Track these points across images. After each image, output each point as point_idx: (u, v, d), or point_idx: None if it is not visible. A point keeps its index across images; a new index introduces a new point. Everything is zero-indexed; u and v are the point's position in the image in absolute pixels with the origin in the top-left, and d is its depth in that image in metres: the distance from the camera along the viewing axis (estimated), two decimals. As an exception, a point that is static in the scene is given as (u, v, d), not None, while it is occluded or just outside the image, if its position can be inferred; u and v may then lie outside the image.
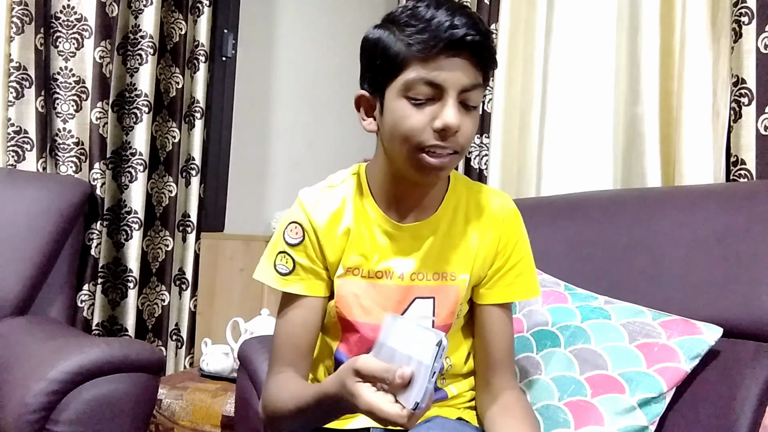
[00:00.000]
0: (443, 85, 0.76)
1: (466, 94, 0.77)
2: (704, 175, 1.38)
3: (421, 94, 0.77)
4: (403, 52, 0.77)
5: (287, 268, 0.88)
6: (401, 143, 0.79)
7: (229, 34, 2.32)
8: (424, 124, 0.77)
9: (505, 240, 0.90)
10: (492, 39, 0.80)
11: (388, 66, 0.78)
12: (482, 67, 0.78)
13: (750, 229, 1.02)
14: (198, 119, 1.98)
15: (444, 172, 0.82)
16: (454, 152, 0.79)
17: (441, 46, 0.74)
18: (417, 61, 0.76)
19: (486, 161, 1.84)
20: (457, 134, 0.77)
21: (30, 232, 1.40)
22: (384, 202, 0.88)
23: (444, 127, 0.76)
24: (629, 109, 1.57)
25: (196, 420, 1.51)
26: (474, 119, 0.80)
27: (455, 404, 0.93)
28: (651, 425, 0.92)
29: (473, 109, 0.79)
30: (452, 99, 0.76)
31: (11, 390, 1.04)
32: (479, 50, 0.76)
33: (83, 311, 1.68)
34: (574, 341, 1.03)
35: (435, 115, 0.76)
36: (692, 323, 0.98)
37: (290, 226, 0.88)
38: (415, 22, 0.76)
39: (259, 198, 2.49)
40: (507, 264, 0.90)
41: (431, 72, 0.75)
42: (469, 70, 0.76)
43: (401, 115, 0.78)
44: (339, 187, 0.91)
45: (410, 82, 0.76)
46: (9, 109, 1.60)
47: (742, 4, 1.29)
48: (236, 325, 1.74)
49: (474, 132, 0.81)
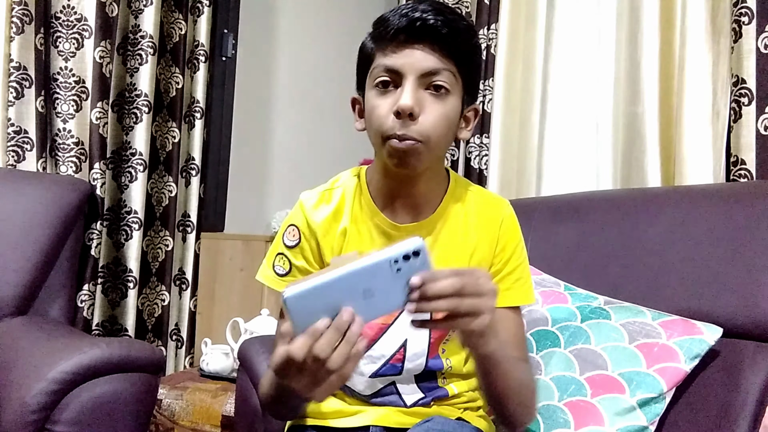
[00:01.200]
0: (400, 70, 0.78)
1: (431, 78, 0.78)
2: (704, 175, 1.38)
3: (384, 82, 0.79)
4: (369, 47, 0.82)
5: (284, 270, 0.89)
6: (375, 135, 0.82)
7: (229, 34, 2.32)
8: (388, 111, 0.79)
9: (503, 243, 0.90)
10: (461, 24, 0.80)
11: (363, 63, 0.84)
12: (448, 51, 0.78)
13: (750, 229, 1.02)
14: (198, 119, 1.98)
15: (413, 160, 0.79)
16: (417, 141, 0.78)
17: (394, 33, 0.77)
18: (379, 51, 0.80)
19: (486, 161, 1.84)
20: (417, 120, 0.77)
21: (30, 232, 1.40)
22: (381, 202, 0.89)
23: (398, 109, 0.77)
24: (629, 109, 1.57)
25: (196, 420, 1.51)
26: (444, 105, 0.79)
27: (455, 404, 0.93)
28: (651, 425, 0.92)
29: (445, 94, 0.79)
30: (409, 83, 0.77)
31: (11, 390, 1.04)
32: (439, 34, 0.77)
33: (83, 311, 1.68)
34: (574, 341, 1.03)
35: (396, 101, 0.78)
36: (692, 323, 0.98)
37: (288, 229, 0.90)
38: (380, 19, 0.81)
39: (259, 198, 2.49)
40: (506, 268, 0.90)
41: (389, 57, 0.79)
42: (430, 55, 0.78)
43: (371, 105, 0.81)
44: (339, 188, 0.92)
45: (374, 72, 0.81)
46: (9, 109, 1.60)
47: (742, 4, 1.29)
48: (236, 325, 1.74)
49: (443, 120, 0.80)
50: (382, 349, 0.88)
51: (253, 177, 2.47)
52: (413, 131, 0.78)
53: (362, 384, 0.91)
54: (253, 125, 2.45)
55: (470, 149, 1.89)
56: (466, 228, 0.89)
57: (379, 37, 0.80)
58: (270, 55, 2.50)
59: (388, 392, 0.91)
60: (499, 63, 1.80)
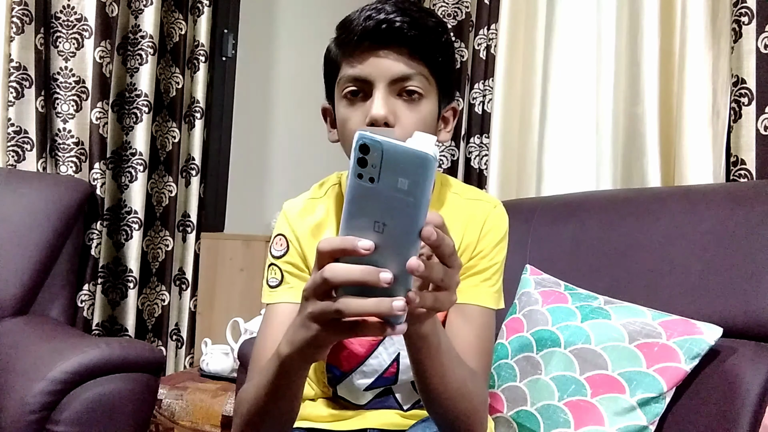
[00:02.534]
0: (368, 79, 0.74)
1: (403, 83, 0.74)
2: (704, 175, 1.38)
3: (352, 92, 0.76)
4: (334, 53, 0.78)
5: (276, 280, 0.86)
6: (345, 144, 0.78)
7: (229, 34, 2.32)
8: (360, 123, 0.75)
9: (483, 242, 0.85)
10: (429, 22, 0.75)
11: (329, 72, 0.80)
12: (418, 54, 0.74)
13: (750, 229, 1.02)
14: (198, 119, 1.98)
15: None
16: None
17: (359, 40, 0.73)
18: (344, 59, 0.77)
19: (486, 161, 1.84)
20: (393, 129, 0.73)
21: (30, 232, 1.40)
22: None
23: (371, 120, 0.72)
24: (629, 109, 1.57)
25: (196, 420, 1.51)
26: (419, 111, 0.76)
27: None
28: (651, 425, 0.92)
29: (418, 98, 0.75)
30: (380, 92, 0.73)
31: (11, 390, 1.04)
32: (407, 37, 0.73)
33: (83, 311, 1.68)
34: (574, 341, 1.03)
35: (368, 111, 0.74)
36: (692, 323, 0.98)
37: (275, 240, 0.87)
38: (343, 23, 0.77)
39: (259, 198, 2.49)
40: (478, 266, 0.84)
41: (356, 67, 0.75)
42: (399, 60, 0.74)
43: (342, 118, 0.78)
44: (322, 198, 0.89)
45: (342, 82, 0.77)
46: (9, 109, 1.60)
47: (742, 4, 1.29)
48: (236, 325, 1.74)
49: (420, 126, 0.75)
50: (375, 364, 0.86)
51: (253, 177, 2.46)
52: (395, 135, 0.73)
53: (356, 396, 0.90)
54: (253, 125, 2.45)
55: (470, 149, 1.89)
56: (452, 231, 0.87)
57: (344, 44, 0.76)
58: (270, 55, 2.50)
59: (384, 399, 0.90)
60: (499, 63, 1.80)
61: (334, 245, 0.49)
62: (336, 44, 0.78)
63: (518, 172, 1.83)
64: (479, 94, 1.88)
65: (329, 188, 0.90)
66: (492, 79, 1.84)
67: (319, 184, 0.92)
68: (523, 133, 1.82)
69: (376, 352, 0.86)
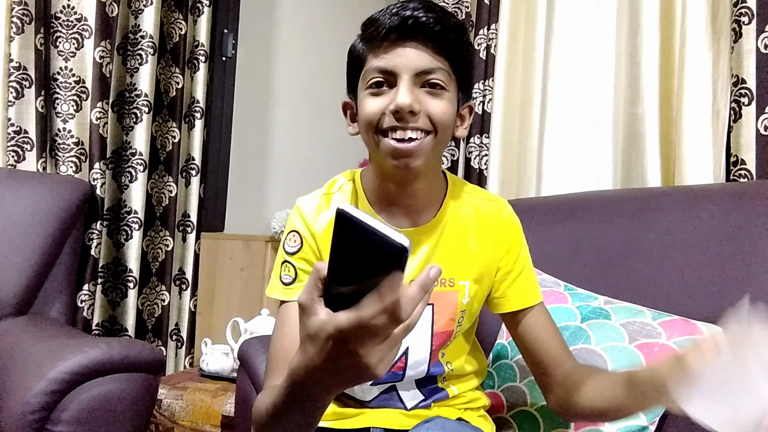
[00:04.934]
0: (394, 70, 0.77)
1: (427, 76, 0.77)
2: (704, 175, 1.38)
3: (377, 83, 0.79)
4: (359, 48, 0.81)
5: (290, 277, 0.87)
6: (366, 132, 0.81)
7: (229, 34, 2.32)
8: (382, 108, 0.78)
9: (509, 245, 0.90)
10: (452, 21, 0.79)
11: (354, 66, 0.83)
12: (441, 49, 0.78)
13: (750, 229, 1.02)
14: (198, 119, 1.98)
15: (413, 159, 0.78)
16: (425, 132, 0.78)
17: (385, 33, 0.77)
18: (370, 53, 0.80)
19: (486, 161, 1.84)
20: (418, 116, 0.77)
21: (30, 232, 1.40)
22: (379, 207, 0.87)
23: (396, 108, 0.76)
24: (629, 109, 1.57)
25: (196, 420, 1.51)
26: (444, 101, 0.79)
27: (455, 404, 0.93)
28: (651, 425, 0.92)
29: (442, 91, 0.79)
30: (405, 82, 0.77)
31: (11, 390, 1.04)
32: (432, 32, 0.76)
33: (83, 311, 1.68)
34: (574, 341, 1.03)
35: (392, 100, 0.77)
36: (692, 323, 0.98)
37: (289, 236, 0.88)
38: (369, 20, 0.80)
39: (259, 198, 2.49)
40: (515, 268, 0.90)
41: (382, 59, 0.78)
42: (424, 53, 0.77)
43: (366, 107, 0.80)
44: (336, 194, 0.90)
45: (367, 74, 0.80)
46: (9, 109, 1.60)
47: (742, 4, 1.29)
48: (236, 325, 1.74)
49: (448, 112, 0.79)
50: None
51: (253, 177, 2.46)
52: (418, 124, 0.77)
53: (361, 391, 0.90)
54: (253, 125, 2.45)
55: (470, 149, 1.89)
56: (466, 232, 0.88)
57: (370, 38, 0.79)
58: (270, 55, 2.50)
59: (389, 397, 0.90)
60: (499, 63, 1.80)
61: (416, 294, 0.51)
62: (362, 40, 0.81)
63: (518, 172, 1.83)
64: (479, 94, 1.88)
65: (344, 184, 0.91)
66: (492, 79, 1.84)
67: (332, 181, 0.93)
68: (523, 133, 1.82)
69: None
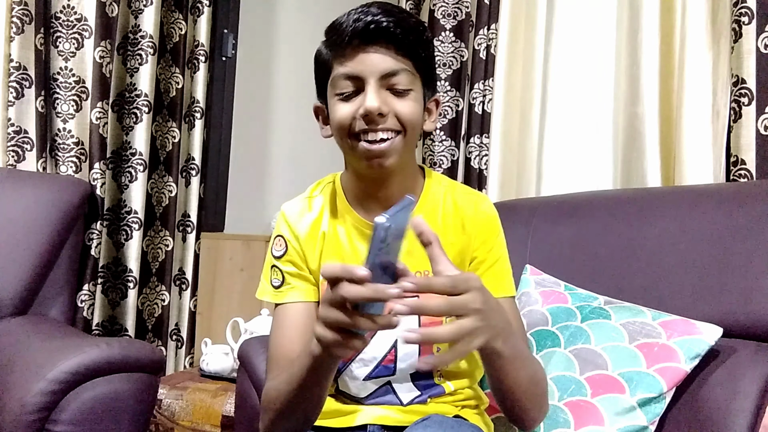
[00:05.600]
0: (360, 75, 0.79)
1: (391, 79, 0.79)
2: (704, 175, 1.38)
3: (345, 89, 0.81)
4: (326, 54, 0.84)
5: (278, 280, 0.91)
6: (340, 137, 0.83)
7: (229, 34, 2.32)
8: (352, 113, 0.80)
9: (484, 236, 0.90)
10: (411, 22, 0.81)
11: (321, 72, 0.86)
12: (403, 50, 0.80)
13: (750, 229, 1.02)
14: (198, 119, 1.98)
15: (386, 159, 0.81)
16: (395, 132, 0.80)
17: (349, 39, 0.79)
18: (335, 60, 0.82)
19: (486, 161, 1.84)
20: (386, 117, 0.79)
21: (30, 232, 1.40)
22: (356, 204, 0.90)
23: (366, 111, 0.78)
24: (629, 109, 1.57)
25: (196, 420, 1.51)
26: (410, 100, 0.81)
27: (452, 401, 0.93)
28: (651, 425, 0.92)
29: (408, 91, 0.81)
30: (371, 86, 0.79)
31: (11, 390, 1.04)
32: (393, 36, 0.78)
33: (83, 311, 1.68)
34: (574, 341, 1.03)
35: (361, 104, 0.79)
36: (692, 323, 0.98)
37: (275, 241, 0.93)
38: (332, 26, 0.82)
39: (259, 198, 2.49)
40: (488, 260, 0.90)
41: (347, 66, 0.80)
42: (387, 56, 0.79)
43: (337, 113, 0.82)
44: (318, 197, 0.94)
45: (335, 81, 0.82)
46: (9, 109, 1.60)
47: (742, 4, 1.29)
48: (236, 325, 1.74)
49: (414, 112, 0.82)
50: (373, 351, 0.88)
51: (253, 177, 2.46)
52: (388, 125, 0.79)
53: (356, 387, 0.91)
54: (253, 125, 2.45)
55: (470, 149, 1.89)
56: (444, 226, 0.90)
57: (334, 44, 0.81)
58: (270, 55, 2.50)
59: (384, 392, 0.91)
60: (499, 63, 1.80)
61: (336, 272, 0.59)
62: (326, 46, 0.84)
63: (518, 172, 1.83)
64: (479, 94, 1.88)
65: (324, 186, 0.95)
66: (492, 79, 1.84)
67: (315, 184, 0.97)
68: (523, 133, 1.82)
69: (373, 340, 0.89)
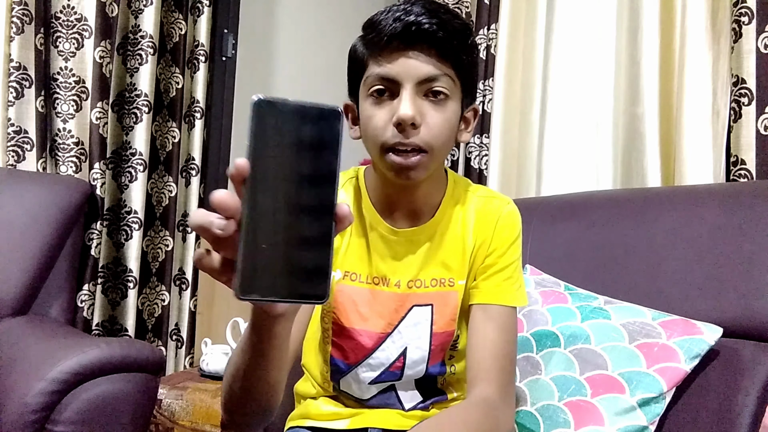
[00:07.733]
0: (396, 78, 0.75)
1: (429, 84, 0.75)
2: (704, 175, 1.38)
3: (379, 91, 0.77)
4: (361, 52, 0.79)
5: None
6: (372, 146, 0.79)
7: (229, 34, 2.31)
8: (386, 122, 0.76)
9: (498, 241, 0.87)
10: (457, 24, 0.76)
11: (355, 70, 0.81)
12: (445, 55, 0.75)
13: (750, 229, 1.02)
14: (198, 119, 1.98)
15: (415, 172, 0.77)
16: (421, 151, 0.76)
17: (388, 40, 0.74)
18: (372, 58, 0.77)
19: (486, 161, 1.84)
20: (419, 129, 0.75)
21: (30, 232, 1.40)
22: (380, 207, 0.87)
23: (398, 120, 0.74)
24: (629, 109, 1.57)
25: (196, 420, 1.51)
26: (444, 111, 0.77)
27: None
28: (651, 425, 0.92)
29: (444, 99, 0.77)
30: (407, 92, 0.75)
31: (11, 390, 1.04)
32: (436, 39, 0.74)
33: (83, 311, 1.68)
34: (574, 341, 1.03)
35: (394, 111, 0.75)
36: (692, 323, 0.98)
37: None
38: (370, 22, 0.77)
39: (259, 198, 2.48)
40: (497, 265, 0.86)
41: (384, 66, 0.76)
42: (427, 60, 0.75)
43: (367, 116, 0.78)
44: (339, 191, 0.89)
45: (369, 81, 0.78)
46: (9, 109, 1.60)
47: (742, 4, 1.29)
48: (236, 325, 1.74)
49: (445, 127, 0.77)
50: (382, 357, 0.87)
51: (253, 177, 2.46)
52: (416, 141, 0.75)
53: (360, 389, 0.90)
54: (253, 125, 2.44)
55: (470, 149, 1.89)
56: (464, 230, 0.88)
57: (372, 43, 0.77)
58: (270, 55, 2.50)
59: (387, 396, 0.90)
60: (499, 63, 1.80)
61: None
62: (363, 43, 0.79)
63: (518, 172, 1.83)
64: (479, 94, 1.88)
65: (345, 181, 0.91)
66: (492, 79, 1.84)
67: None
68: (523, 133, 1.82)
69: (384, 345, 0.87)
